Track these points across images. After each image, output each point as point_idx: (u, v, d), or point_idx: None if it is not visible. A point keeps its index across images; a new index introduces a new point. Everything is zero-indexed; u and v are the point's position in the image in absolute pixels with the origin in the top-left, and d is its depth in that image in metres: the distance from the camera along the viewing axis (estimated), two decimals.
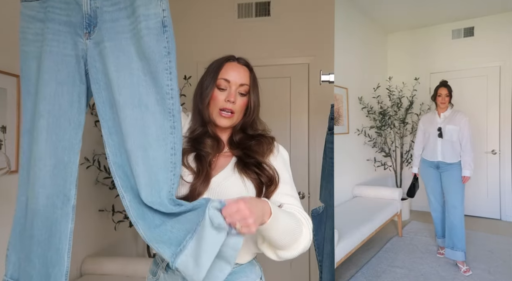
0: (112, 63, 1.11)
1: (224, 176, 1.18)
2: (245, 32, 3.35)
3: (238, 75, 1.24)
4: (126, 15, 1.12)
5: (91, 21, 1.13)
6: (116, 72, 1.11)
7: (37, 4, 1.15)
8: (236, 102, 1.22)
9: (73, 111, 1.15)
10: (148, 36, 1.09)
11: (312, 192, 3.11)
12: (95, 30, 1.13)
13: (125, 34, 1.11)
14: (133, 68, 1.11)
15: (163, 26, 1.11)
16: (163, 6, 1.12)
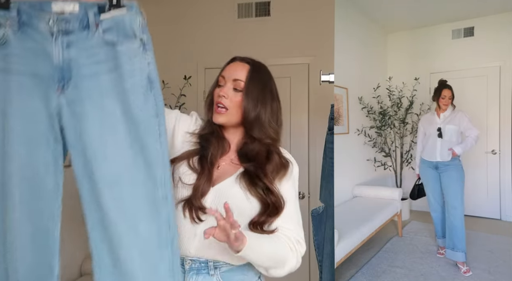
0: (93, 127, 0.97)
1: (229, 183, 1.17)
2: (245, 32, 3.35)
3: (234, 71, 1.23)
4: (107, 69, 0.98)
5: (64, 74, 0.97)
6: (98, 138, 0.98)
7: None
8: (229, 97, 1.20)
9: (49, 175, 0.99)
10: (135, 97, 0.98)
11: (312, 192, 3.11)
12: (69, 84, 0.97)
13: (108, 92, 0.98)
14: (119, 132, 0.98)
15: (149, 82, 1.01)
16: (148, 59, 1.01)
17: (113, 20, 0.99)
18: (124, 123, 0.98)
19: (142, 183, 0.99)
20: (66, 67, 0.97)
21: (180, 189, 1.16)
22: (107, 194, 0.97)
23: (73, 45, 0.97)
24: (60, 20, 0.96)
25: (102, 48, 0.98)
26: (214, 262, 1.15)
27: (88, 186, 0.98)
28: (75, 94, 0.97)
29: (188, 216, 1.13)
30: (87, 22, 0.98)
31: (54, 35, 0.96)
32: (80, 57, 0.98)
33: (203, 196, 1.14)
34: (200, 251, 1.15)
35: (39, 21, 0.96)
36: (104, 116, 0.98)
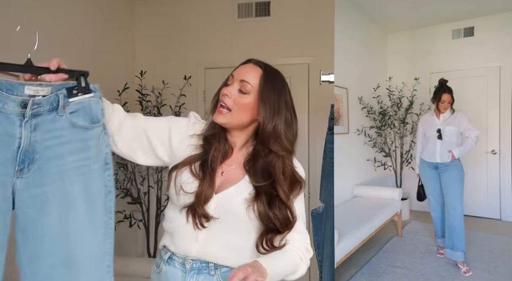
0: (54, 210, 0.97)
1: (234, 192, 1.14)
2: (245, 32, 3.35)
3: (244, 71, 1.18)
4: (71, 150, 0.99)
5: (26, 156, 0.96)
6: (58, 221, 0.98)
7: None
8: (232, 97, 1.15)
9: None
10: (98, 178, 1.03)
11: (312, 192, 3.11)
12: (30, 167, 0.96)
13: (69, 173, 0.99)
14: (77, 211, 0.99)
15: (105, 163, 1.05)
16: (106, 141, 1.05)
17: (79, 103, 1.01)
18: (83, 203, 1.00)
19: (97, 258, 1.05)
20: (30, 149, 0.96)
21: (182, 196, 1.13)
22: (63, 271, 0.99)
23: (39, 127, 0.97)
24: (33, 104, 0.96)
25: (68, 130, 1.00)
26: (215, 264, 1.15)
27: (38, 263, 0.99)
28: (37, 176, 0.97)
29: (191, 221, 1.12)
30: (57, 104, 0.99)
31: (25, 119, 0.95)
32: (45, 140, 0.97)
33: (206, 203, 1.11)
34: (201, 254, 1.14)
35: (6, 103, 0.94)
36: (64, 197, 0.99)
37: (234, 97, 1.15)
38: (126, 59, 3.44)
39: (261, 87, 1.16)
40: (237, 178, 1.17)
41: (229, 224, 1.14)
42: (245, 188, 1.15)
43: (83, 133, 1.01)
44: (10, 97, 0.94)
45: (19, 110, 0.95)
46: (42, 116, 0.98)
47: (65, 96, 1.00)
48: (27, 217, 0.97)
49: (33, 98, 0.96)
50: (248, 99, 1.15)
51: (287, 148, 1.16)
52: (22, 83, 0.97)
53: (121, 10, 3.41)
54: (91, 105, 1.03)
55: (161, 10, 3.56)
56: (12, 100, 0.94)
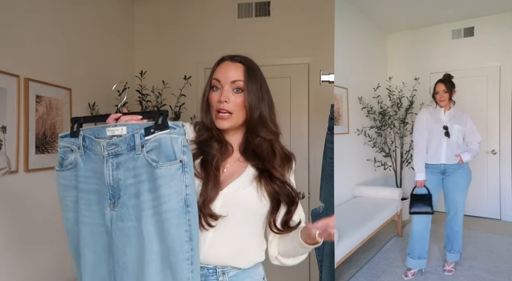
0: (135, 245, 1.05)
1: (240, 184, 1.16)
2: (245, 32, 3.34)
3: (229, 72, 1.19)
4: (148, 188, 1.03)
5: (114, 192, 1.08)
6: (137, 259, 1.04)
7: (69, 173, 1.13)
8: (231, 100, 1.17)
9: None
10: (169, 221, 1.00)
11: (312, 192, 3.11)
12: (118, 202, 1.07)
13: (146, 211, 1.03)
14: (152, 253, 1.02)
15: (186, 205, 1.01)
16: (185, 181, 1.02)
17: (156, 140, 1.04)
18: (158, 246, 1.02)
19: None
20: (116, 186, 1.07)
21: None
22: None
23: (121, 166, 1.06)
24: (110, 144, 1.07)
25: (145, 168, 1.04)
26: (223, 268, 1.15)
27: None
28: (123, 211, 1.06)
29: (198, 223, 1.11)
30: (134, 144, 1.05)
31: (105, 158, 1.07)
32: (127, 177, 1.06)
33: (212, 202, 1.12)
34: (208, 257, 1.13)
35: (96, 146, 1.09)
36: (141, 235, 1.03)
37: (232, 100, 1.18)
38: (126, 59, 3.44)
39: (246, 80, 1.19)
40: (240, 170, 1.19)
41: (237, 220, 1.15)
42: (251, 175, 1.18)
43: (157, 173, 1.02)
44: (97, 141, 1.08)
45: (102, 151, 1.08)
46: (123, 155, 1.06)
47: (142, 135, 1.05)
48: (117, 247, 1.07)
49: (109, 140, 1.07)
50: (243, 95, 1.19)
51: (273, 131, 1.23)
52: (104, 126, 1.09)
53: (121, 10, 3.41)
54: (167, 142, 1.03)
55: (161, 10, 3.56)
56: (97, 143, 1.08)
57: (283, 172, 1.20)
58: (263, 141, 1.21)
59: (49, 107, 2.46)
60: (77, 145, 1.12)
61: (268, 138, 1.21)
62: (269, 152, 1.21)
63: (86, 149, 1.11)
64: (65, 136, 1.14)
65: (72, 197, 1.13)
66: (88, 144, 1.11)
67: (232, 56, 1.24)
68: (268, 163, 1.19)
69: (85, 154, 1.11)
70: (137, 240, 1.04)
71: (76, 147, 1.12)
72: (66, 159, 1.14)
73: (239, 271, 1.17)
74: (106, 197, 1.08)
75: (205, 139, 1.20)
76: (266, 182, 1.16)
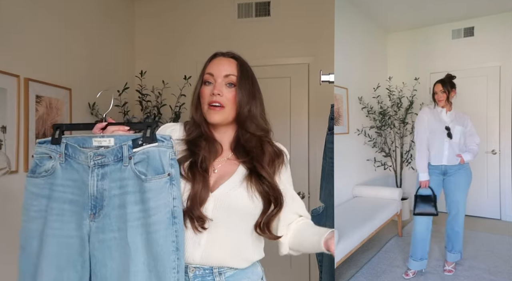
0: (118, 257, 1.04)
1: (231, 185, 1.15)
2: (245, 32, 3.34)
3: (222, 66, 1.21)
4: (134, 200, 1.05)
5: (97, 202, 1.07)
6: (123, 268, 1.03)
7: (43, 181, 1.09)
8: (223, 94, 1.18)
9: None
10: (157, 233, 1.03)
11: (312, 192, 3.11)
12: (100, 213, 1.06)
13: (132, 223, 1.04)
14: (138, 263, 1.03)
15: (173, 217, 1.04)
16: (173, 194, 1.05)
17: (144, 153, 1.05)
18: (144, 255, 1.03)
19: None
20: (99, 196, 1.06)
21: None
22: None
23: (107, 176, 1.06)
24: (97, 154, 1.06)
25: (132, 179, 1.04)
26: (219, 268, 1.14)
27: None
28: (105, 222, 1.05)
29: (190, 226, 1.11)
30: (121, 155, 1.05)
31: (90, 168, 1.06)
32: (112, 188, 1.06)
33: (202, 205, 1.11)
34: (204, 259, 1.13)
35: (80, 155, 1.08)
36: (127, 246, 1.03)
37: (224, 93, 1.18)
38: (126, 59, 3.44)
39: (239, 76, 1.20)
40: (231, 171, 1.18)
41: (230, 221, 1.14)
42: (242, 175, 1.17)
43: (145, 186, 1.03)
44: (82, 150, 1.08)
45: (87, 161, 1.08)
46: (109, 166, 1.06)
47: (130, 147, 1.05)
48: (96, 259, 1.05)
49: (96, 150, 1.07)
50: (235, 90, 1.20)
51: (263, 128, 1.23)
52: (91, 136, 1.09)
53: (121, 10, 3.41)
54: (155, 155, 1.05)
55: (161, 10, 3.56)
56: (83, 152, 1.08)
57: (271, 171, 1.19)
58: (252, 137, 1.21)
59: (49, 107, 2.46)
60: (57, 152, 1.09)
61: (258, 135, 1.21)
62: (258, 148, 1.20)
63: (68, 157, 1.09)
64: (45, 142, 1.11)
65: (39, 206, 1.09)
66: (71, 152, 1.09)
67: (224, 53, 1.26)
68: (256, 161, 1.18)
69: (66, 162, 1.09)
70: (119, 251, 1.03)
71: (57, 154, 1.09)
72: (41, 166, 1.10)
73: (236, 271, 1.16)
74: (87, 207, 1.07)
75: (193, 138, 1.19)
76: (256, 181, 1.16)
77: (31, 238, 1.09)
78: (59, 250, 1.06)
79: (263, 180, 1.16)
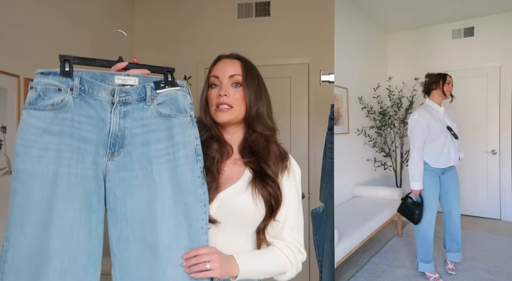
0: (141, 195, 1.01)
1: (236, 190, 1.15)
2: (245, 32, 3.34)
3: (226, 67, 1.21)
4: (158, 138, 1.04)
5: (116, 141, 1.03)
6: (147, 206, 1.01)
7: (52, 115, 0.99)
8: (230, 94, 1.18)
9: (92, 244, 0.99)
10: (185, 166, 1.04)
11: (312, 192, 3.12)
12: (120, 152, 1.03)
13: (158, 159, 1.03)
14: (164, 198, 1.02)
15: (196, 154, 1.07)
16: (195, 133, 1.08)
17: (167, 95, 1.07)
18: (170, 190, 1.03)
19: (184, 250, 1.03)
20: (120, 134, 1.03)
21: None
22: (149, 257, 1.00)
23: (128, 115, 1.04)
24: (120, 92, 1.04)
25: (155, 119, 1.05)
26: None
27: (133, 247, 1.01)
28: (126, 160, 1.03)
29: None
30: (144, 95, 1.06)
31: (114, 105, 1.03)
32: (134, 127, 1.04)
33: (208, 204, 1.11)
34: None
35: (99, 92, 1.03)
36: (152, 183, 1.02)
37: (231, 94, 1.18)
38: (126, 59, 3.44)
39: (244, 76, 1.20)
40: (238, 174, 1.18)
41: (232, 225, 1.14)
42: (248, 179, 1.17)
43: (168, 122, 1.05)
44: (102, 86, 1.03)
45: (109, 98, 1.03)
46: (131, 105, 1.05)
47: (153, 88, 1.06)
48: (116, 198, 1.01)
49: (121, 87, 1.04)
50: (242, 90, 1.20)
51: (270, 127, 1.23)
52: (112, 74, 1.06)
53: (121, 10, 3.41)
54: (177, 97, 1.08)
55: (161, 10, 3.56)
56: (103, 88, 1.03)
57: (276, 170, 1.19)
58: (259, 136, 1.21)
59: None
60: (69, 86, 1.01)
61: (265, 134, 1.21)
62: (264, 148, 1.20)
63: (82, 93, 1.02)
64: (50, 73, 1.02)
65: (46, 143, 0.98)
66: (87, 87, 1.02)
67: (228, 55, 1.26)
68: (262, 160, 1.18)
69: (80, 97, 1.01)
70: (142, 189, 1.02)
71: (68, 87, 1.01)
72: (46, 99, 0.99)
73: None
74: (105, 145, 1.02)
75: (204, 140, 1.19)
76: (260, 185, 1.15)
77: (31, 181, 0.96)
78: (75, 191, 0.98)
79: (267, 180, 1.15)
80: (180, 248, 1.02)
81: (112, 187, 1.02)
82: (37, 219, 0.96)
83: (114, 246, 1.01)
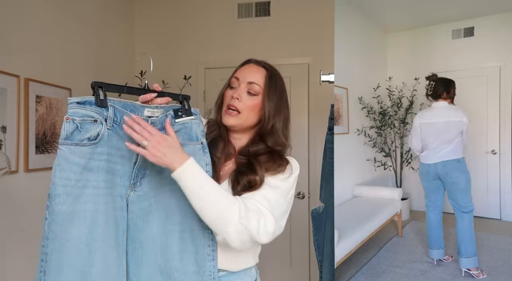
0: (153, 220, 1.03)
1: (225, 188, 1.12)
2: (245, 32, 3.34)
3: (249, 73, 1.19)
4: None
5: (139, 171, 1.03)
6: (157, 231, 1.03)
7: (90, 150, 0.94)
8: (242, 100, 1.16)
9: (121, 276, 1.01)
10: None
11: (312, 192, 3.11)
12: (142, 182, 1.03)
13: (170, 186, 1.03)
14: (173, 223, 1.05)
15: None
16: (206, 160, 1.11)
17: (182, 124, 1.10)
18: (178, 216, 1.05)
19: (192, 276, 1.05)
20: (143, 165, 1.03)
21: None
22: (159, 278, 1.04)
23: None
24: (151, 123, 1.03)
25: None
26: None
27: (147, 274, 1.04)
28: (146, 190, 1.04)
29: None
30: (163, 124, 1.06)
31: None
32: None
33: None
34: None
35: None
36: (162, 209, 1.04)
37: (243, 99, 1.17)
38: (126, 59, 3.44)
39: (267, 87, 1.18)
40: (228, 173, 1.17)
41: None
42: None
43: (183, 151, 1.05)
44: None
45: None
46: None
47: (173, 117, 1.08)
48: (136, 227, 1.03)
49: (151, 118, 1.04)
50: (257, 100, 1.17)
51: (282, 143, 1.20)
52: (143, 106, 1.04)
53: (121, 10, 3.41)
54: (192, 126, 1.12)
55: (161, 10, 3.56)
56: None
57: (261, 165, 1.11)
58: (265, 149, 1.16)
59: (49, 107, 2.46)
60: (103, 116, 0.96)
61: (275, 149, 1.17)
62: (264, 154, 1.15)
63: (114, 123, 0.98)
64: (85, 102, 0.95)
65: (85, 181, 0.93)
66: (119, 118, 0.98)
67: (259, 61, 1.24)
68: (254, 158, 1.13)
69: (113, 129, 0.98)
70: (153, 215, 1.04)
71: (103, 118, 0.96)
72: (83, 131, 0.93)
73: (228, 272, 1.16)
74: (130, 176, 1.02)
75: (213, 138, 1.20)
76: (235, 179, 1.10)
77: (73, 221, 0.91)
78: (109, 227, 0.96)
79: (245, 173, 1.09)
80: (187, 274, 1.04)
81: (134, 218, 1.03)
82: (76, 263, 0.93)
83: (131, 272, 1.04)
